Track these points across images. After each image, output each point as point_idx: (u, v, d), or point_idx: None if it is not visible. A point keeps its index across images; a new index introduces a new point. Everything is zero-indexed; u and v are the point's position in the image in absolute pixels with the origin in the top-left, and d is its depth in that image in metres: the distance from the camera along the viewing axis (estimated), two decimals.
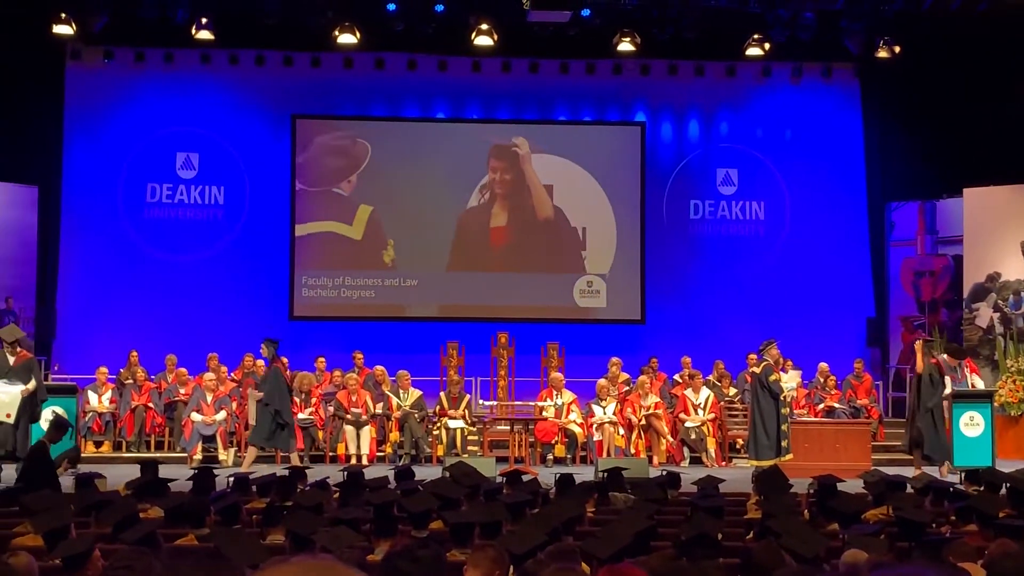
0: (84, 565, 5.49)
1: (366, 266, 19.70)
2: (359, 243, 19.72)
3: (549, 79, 19.82)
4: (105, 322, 18.56)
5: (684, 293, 19.86)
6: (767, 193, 20.26)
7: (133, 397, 16.74)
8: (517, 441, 15.78)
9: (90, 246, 19.44)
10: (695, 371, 17.30)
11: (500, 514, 7.47)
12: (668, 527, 7.73)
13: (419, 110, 20.14)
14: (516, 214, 19.90)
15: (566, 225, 19.91)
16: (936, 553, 6.10)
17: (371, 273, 19.69)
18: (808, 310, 19.64)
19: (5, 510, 8.96)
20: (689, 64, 19.78)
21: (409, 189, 19.77)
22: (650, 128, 20.13)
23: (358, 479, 9.86)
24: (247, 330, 18.83)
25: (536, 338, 18.35)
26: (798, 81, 20.05)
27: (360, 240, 19.73)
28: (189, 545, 7.04)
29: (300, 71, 19.57)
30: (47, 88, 19.02)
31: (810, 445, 14.89)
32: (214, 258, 19.65)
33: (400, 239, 19.73)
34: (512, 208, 19.90)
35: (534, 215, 19.92)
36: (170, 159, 19.78)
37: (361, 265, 19.70)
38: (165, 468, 12.88)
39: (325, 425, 16.46)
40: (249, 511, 8.73)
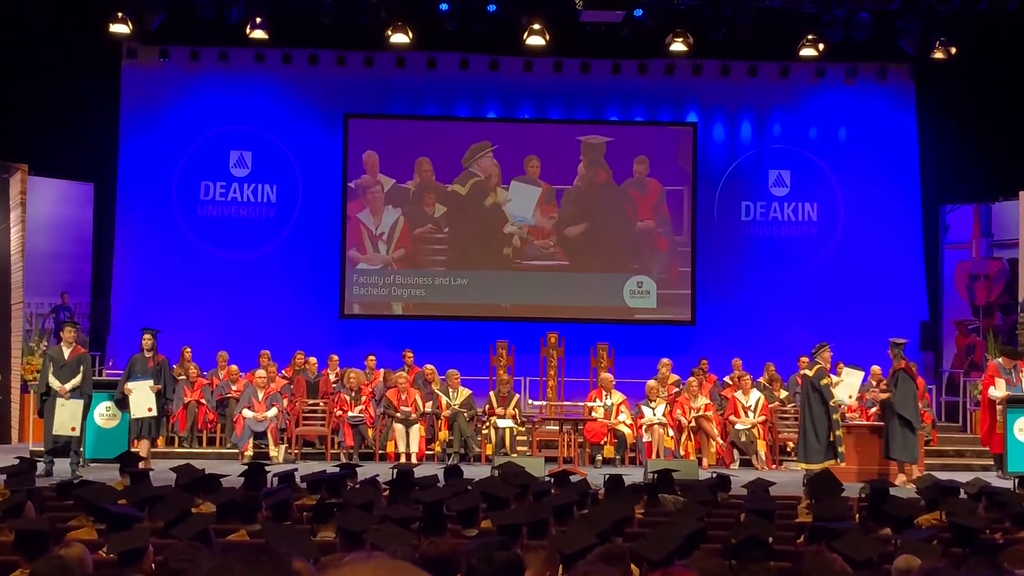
0: (140, 560, 5.54)
1: (416, 265, 19.77)
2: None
3: (601, 79, 19.77)
4: (158, 318, 18.69)
5: (735, 295, 19.75)
6: (820, 195, 20.11)
7: (185, 393, 16.90)
8: (566, 441, 15.77)
9: (144, 243, 19.65)
10: (745, 373, 17.18)
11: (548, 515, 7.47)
12: (718, 530, 7.69)
13: (470, 110, 20.18)
14: (566, 214, 19.87)
15: (616, 224, 19.86)
16: (991, 559, 6.02)
17: (421, 272, 19.76)
18: (861, 313, 19.46)
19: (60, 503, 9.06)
20: (742, 64, 19.66)
21: (459, 188, 19.81)
22: (702, 129, 20.04)
23: (408, 477, 9.89)
24: (298, 328, 18.99)
25: (586, 338, 18.31)
26: (852, 82, 19.86)
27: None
28: (241, 541, 7.09)
29: (353, 70, 19.66)
30: (104, 86, 19.24)
31: (862, 449, 14.76)
32: (266, 256, 19.79)
33: (450, 238, 19.78)
34: (562, 208, 19.87)
35: (585, 215, 19.88)
36: (223, 157, 19.95)
37: (411, 264, 19.76)
38: (216, 464, 13.05)
39: (375, 423, 16.54)
40: (299, 507, 8.78)
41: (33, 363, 17.36)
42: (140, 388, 14.38)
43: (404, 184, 19.90)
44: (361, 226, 19.85)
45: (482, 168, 19.93)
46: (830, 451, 14.27)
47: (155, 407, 14.42)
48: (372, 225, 19.85)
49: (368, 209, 19.87)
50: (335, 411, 16.54)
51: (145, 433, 14.39)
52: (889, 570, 5.80)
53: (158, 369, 14.60)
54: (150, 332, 14.81)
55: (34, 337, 18.34)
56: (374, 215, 19.89)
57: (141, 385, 14.39)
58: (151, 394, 14.38)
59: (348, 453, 16.11)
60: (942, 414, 18.70)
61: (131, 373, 14.56)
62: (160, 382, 14.53)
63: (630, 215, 19.93)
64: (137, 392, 14.35)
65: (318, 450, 16.58)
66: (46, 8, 17.68)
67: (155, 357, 14.67)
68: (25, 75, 17.84)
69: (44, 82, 18.03)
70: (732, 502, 9.79)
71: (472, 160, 19.91)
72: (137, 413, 14.34)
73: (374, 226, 19.87)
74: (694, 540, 6.18)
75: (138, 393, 14.35)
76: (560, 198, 19.93)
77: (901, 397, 14.68)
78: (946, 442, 17.10)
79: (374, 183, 19.89)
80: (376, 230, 19.85)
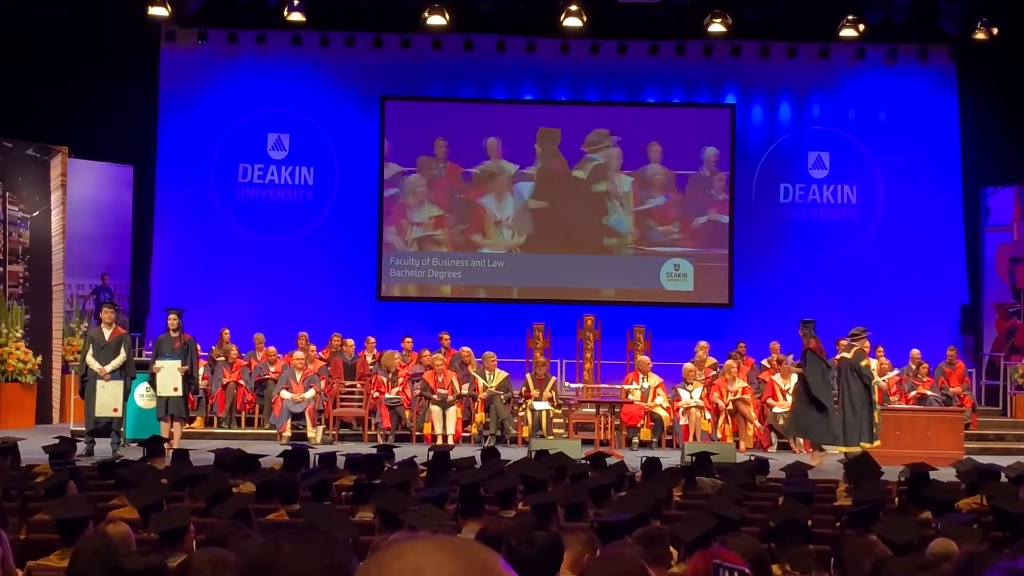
0: (181, 539, 5.59)
1: (453, 247, 19.79)
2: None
3: (638, 61, 19.68)
4: (197, 300, 18.81)
5: (773, 277, 19.65)
6: (859, 177, 19.95)
7: (224, 374, 17.01)
8: (603, 424, 15.78)
9: (183, 225, 19.77)
10: (783, 356, 17.10)
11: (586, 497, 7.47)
12: (756, 513, 7.67)
13: (507, 92, 20.15)
14: (603, 197, 19.82)
15: (653, 207, 19.80)
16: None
17: (458, 254, 19.78)
18: (900, 296, 19.32)
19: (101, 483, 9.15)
20: (781, 45, 19.51)
21: (496, 171, 19.81)
22: (740, 110, 19.92)
23: (445, 459, 9.93)
24: (335, 310, 19.07)
25: (622, 321, 18.28)
26: (893, 63, 19.66)
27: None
28: (280, 520, 7.14)
29: (390, 52, 19.65)
30: (143, 69, 19.34)
31: (901, 433, 14.68)
32: (303, 238, 19.86)
33: (487, 221, 19.78)
34: (599, 191, 19.83)
35: (621, 198, 19.83)
36: (261, 140, 20.02)
37: (448, 246, 19.79)
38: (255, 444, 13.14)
39: (411, 405, 16.59)
40: (338, 488, 8.83)
41: (74, 344, 17.51)
42: (168, 367, 14.44)
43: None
44: (485, 211, 19.85)
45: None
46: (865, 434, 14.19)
47: (180, 386, 14.45)
48: (496, 210, 19.85)
49: (493, 194, 19.89)
50: (372, 393, 16.61)
51: (173, 410, 14.41)
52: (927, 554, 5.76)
53: (184, 349, 14.62)
54: (175, 312, 14.87)
55: (74, 318, 18.50)
56: (498, 199, 19.90)
57: (170, 364, 14.45)
58: (177, 374, 14.41)
59: (385, 434, 16.19)
60: (982, 398, 18.57)
61: (159, 353, 14.65)
62: (187, 362, 14.59)
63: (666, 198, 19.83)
64: (165, 371, 14.42)
65: (355, 431, 16.67)
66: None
67: (181, 336, 14.69)
68: (65, 58, 17.95)
69: (84, 65, 18.14)
70: (770, 485, 9.77)
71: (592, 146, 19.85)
72: (163, 391, 14.42)
73: (498, 211, 19.87)
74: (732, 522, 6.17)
75: (165, 372, 14.42)
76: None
77: (810, 377, 14.61)
78: (986, 426, 16.99)
79: (498, 170, 19.88)
80: (500, 215, 19.87)
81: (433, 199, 19.89)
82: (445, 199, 19.90)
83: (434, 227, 19.87)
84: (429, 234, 19.87)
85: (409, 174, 19.85)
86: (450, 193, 19.90)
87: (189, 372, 14.59)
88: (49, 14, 17.59)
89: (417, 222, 19.86)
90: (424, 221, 19.87)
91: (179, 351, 14.55)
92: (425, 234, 19.87)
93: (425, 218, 19.87)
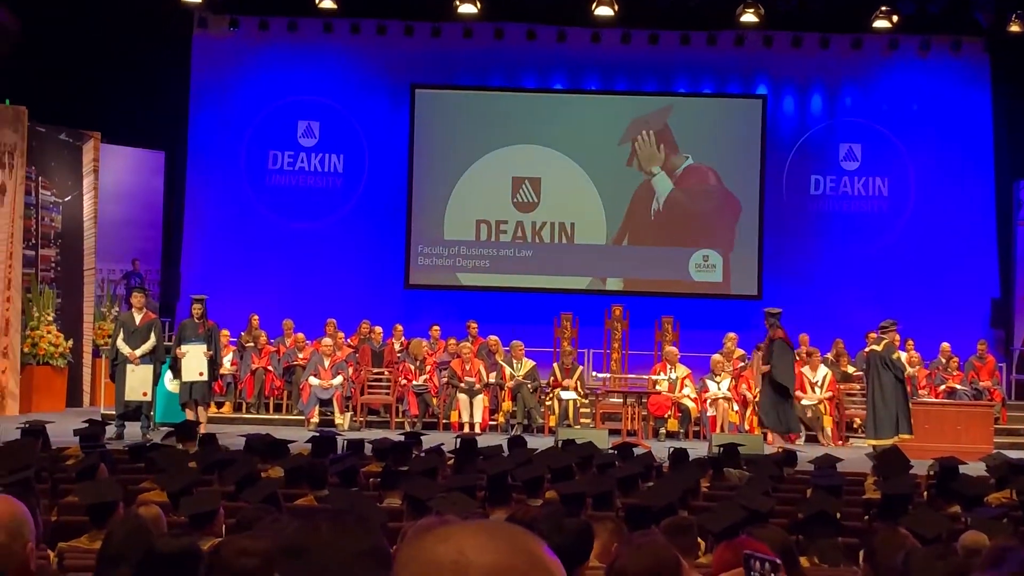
0: (211, 523, 5.62)
1: (481, 237, 19.79)
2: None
3: (669, 50, 19.62)
4: (227, 286, 18.93)
5: (802, 269, 19.56)
6: (891, 169, 19.84)
7: (253, 360, 17.09)
8: (630, 414, 15.76)
9: (213, 211, 19.86)
10: (813, 349, 17.03)
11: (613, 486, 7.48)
12: (784, 505, 7.65)
13: (537, 81, 20.12)
14: (632, 187, 19.78)
15: (682, 198, 19.75)
16: None
17: (486, 243, 19.77)
18: (931, 289, 19.21)
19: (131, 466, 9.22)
20: (814, 36, 19.40)
21: (522, 160, 19.78)
22: (771, 101, 19.84)
23: (472, 447, 9.95)
24: (364, 297, 19.12)
25: (650, 311, 18.24)
26: (926, 55, 19.53)
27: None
28: (309, 506, 7.17)
29: (420, 41, 19.67)
30: (175, 56, 19.42)
31: (931, 426, 14.59)
32: (333, 225, 19.91)
33: (515, 211, 19.77)
34: (628, 181, 19.79)
35: (650, 188, 19.78)
36: (291, 127, 20.08)
37: (476, 236, 19.79)
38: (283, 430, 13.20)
39: (439, 393, 16.63)
40: (366, 474, 8.86)
41: (104, 328, 17.64)
42: (193, 352, 14.51)
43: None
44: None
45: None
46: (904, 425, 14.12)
47: (207, 371, 14.54)
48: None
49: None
50: (400, 380, 16.65)
51: (197, 395, 14.51)
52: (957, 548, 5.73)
53: (208, 334, 14.71)
54: (199, 301, 14.96)
55: (105, 303, 18.63)
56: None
57: (195, 349, 14.52)
58: (203, 358, 14.48)
59: (412, 422, 16.23)
60: (1012, 392, 18.44)
61: (182, 337, 14.72)
62: (211, 347, 14.68)
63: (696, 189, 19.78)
64: (190, 356, 14.49)
65: (383, 418, 16.72)
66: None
67: (204, 323, 14.78)
68: (98, 44, 18.06)
69: (117, 51, 18.23)
70: (798, 477, 9.74)
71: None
72: (188, 377, 14.48)
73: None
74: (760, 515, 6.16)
75: (191, 357, 14.48)
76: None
77: (779, 366, 14.52)
78: (1017, 420, 16.87)
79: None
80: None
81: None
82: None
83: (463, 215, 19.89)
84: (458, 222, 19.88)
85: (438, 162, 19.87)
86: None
87: (213, 357, 14.69)
88: (82, 1, 17.68)
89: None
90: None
91: (203, 337, 14.63)
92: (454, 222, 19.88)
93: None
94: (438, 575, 1.49)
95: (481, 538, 1.52)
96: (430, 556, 1.51)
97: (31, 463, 7.45)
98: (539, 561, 1.53)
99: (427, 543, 1.53)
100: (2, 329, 16.36)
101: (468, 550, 1.51)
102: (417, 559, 1.52)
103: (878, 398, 14.37)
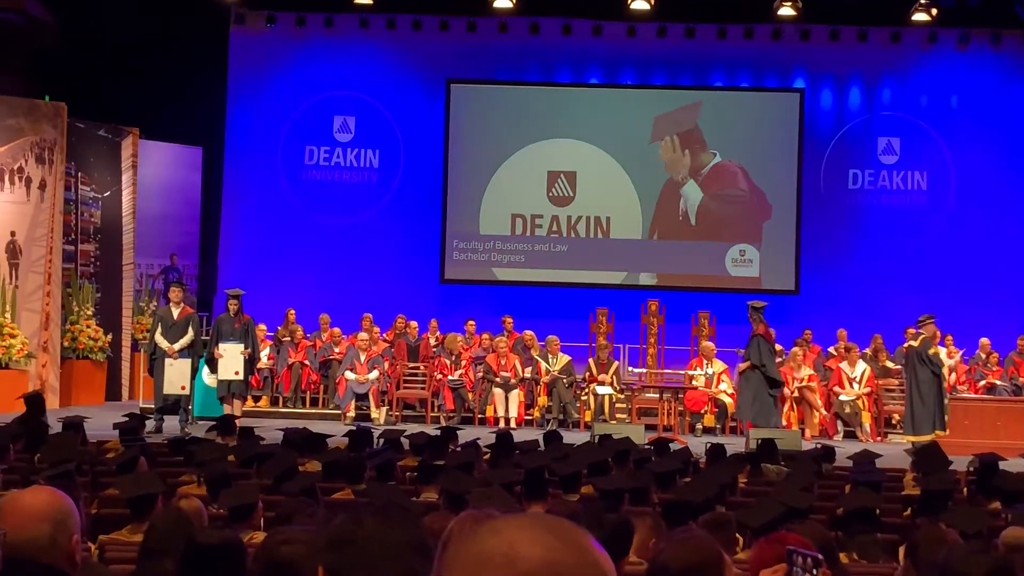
0: (250, 516, 5.65)
1: (516, 231, 19.77)
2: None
3: (705, 44, 19.53)
4: (263, 280, 19.02)
5: (840, 264, 19.44)
6: (930, 163, 19.67)
7: (290, 354, 17.16)
8: (666, 409, 15.73)
9: (250, 206, 19.95)
10: (851, 344, 16.92)
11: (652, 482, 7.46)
12: (823, 501, 7.61)
13: (572, 75, 20.09)
14: (668, 181, 19.71)
15: (719, 193, 19.65)
16: None
17: (521, 238, 19.76)
18: (970, 284, 19.03)
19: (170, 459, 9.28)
20: (851, 30, 19.27)
21: (557, 154, 19.76)
22: (809, 95, 19.70)
23: (508, 441, 9.95)
24: (399, 292, 19.15)
25: (687, 306, 18.19)
26: (965, 48, 19.36)
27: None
28: (347, 499, 7.19)
29: (456, 36, 19.68)
30: (212, 52, 19.51)
31: (970, 422, 14.48)
32: (368, 220, 19.96)
33: (550, 205, 19.74)
34: (664, 175, 19.72)
35: (686, 183, 19.70)
36: (328, 123, 20.14)
37: (511, 230, 19.77)
38: (319, 424, 13.26)
39: (474, 387, 16.64)
40: (402, 468, 8.88)
41: (143, 323, 17.78)
42: (231, 352, 14.63)
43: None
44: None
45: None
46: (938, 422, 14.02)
47: (242, 371, 14.67)
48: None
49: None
50: (435, 375, 16.68)
51: (235, 390, 14.66)
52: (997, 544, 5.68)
53: (244, 329, 14.82)
54: (235, 296, 15.07)
55: (144, 297, 18.78)
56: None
57: (233, 349, 14.63)
58: (240, 358, 14.62)
59: (448, 416, 16.26)
60: None
61: (219, 333, 14.83)
62: (248, 344, 14.77)
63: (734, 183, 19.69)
64: (227, 355, 14.62)
65: (418, 412, 16.76)
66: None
67: (240, 317, 14.91)
68: (136, 41, 18.17)
69: (155, 48, 18.35)
70: (836, 473, 9.68)
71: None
72: (224, 375, 14.63)
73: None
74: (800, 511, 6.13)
75: (228, 356, 14.62)
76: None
77: (767, 363, 14.57)
78: None
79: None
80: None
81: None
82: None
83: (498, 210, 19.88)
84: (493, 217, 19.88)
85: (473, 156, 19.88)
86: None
87: (251, 355, 14.82)
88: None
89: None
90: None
91: (239, 331, 14.72)
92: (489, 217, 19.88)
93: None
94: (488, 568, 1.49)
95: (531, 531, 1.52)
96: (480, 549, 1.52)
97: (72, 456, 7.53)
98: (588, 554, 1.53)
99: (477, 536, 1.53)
100: (42, 324, 16.51)
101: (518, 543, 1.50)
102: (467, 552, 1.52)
103: (916, 394, 14.27)
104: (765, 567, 3.27)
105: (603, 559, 1.54)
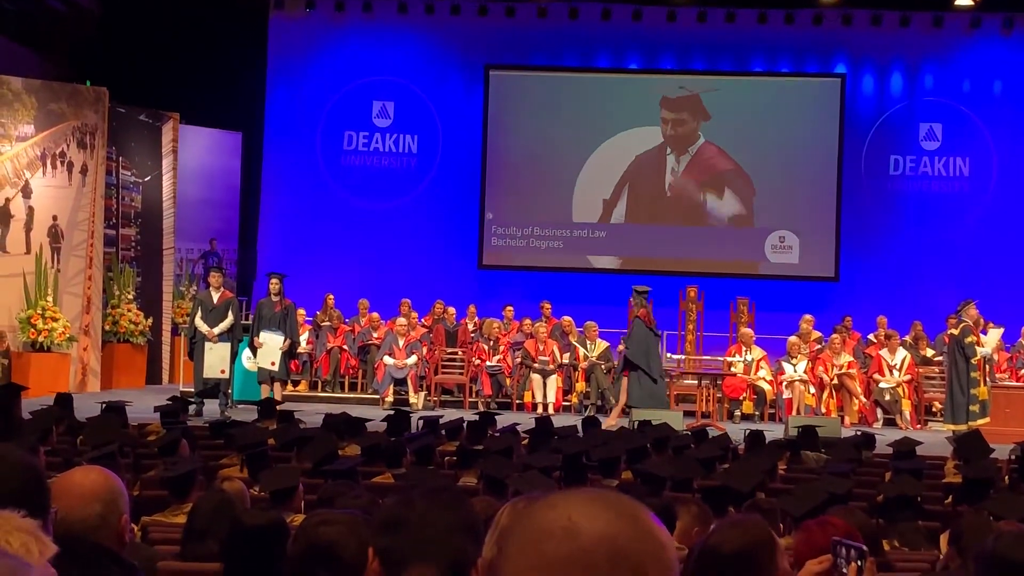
0: (291, 499, 5.68)
1: (555, 217, 19.75)
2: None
3: (746, 29, 19.40)
4: (302, 265, 19.09)
5: (881, 251, 19.29)
6: (973, 149, 19.46)
7: (329, 339, 17.23)
8: (704, 396, 15.68)
9: (289, 191, 20.03)
10: (891, 331, 16.80)
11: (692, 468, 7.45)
12: (863, 488, 7.57)
13: (611, 60, 20.02)
14: (708, 165, 19.63)
15: (761, 178, 19.54)
16: None
17: (560, 224, 19.74)
18: (1012, 271, 18.84)
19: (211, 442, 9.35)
20: (894, 14, 19.09)
21: (598, 139, 19.71)
22: (850, 80, 19.54)
23: (547, 427, 9.96)
24: (438, 277, 19.18)
25: (726, 293, 18.11)
26: (1009, 33, 19.14)
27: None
28: (387, 483, 7.22)
29: (494, 21, 19.65)
30: (251, 38, 19.57)
31: (1011, 410, 14.33)
32: (407, 205, 19.99)
33: (589, 191, 19.71)
34: (704, 159, 19.64)
35: (726, 167, 19.61)
36: (367, 108, 20.17)
37: (550, 216, 19.76)
38: (358, 409, 13.31)
39: (512, 373, 16.66)
40: (441, 453, 8.91)
41: (183, 307, 17.91)
42: (270, 342, 14.71)
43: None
44: None
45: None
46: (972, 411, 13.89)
47: (278, 362, 14.72)
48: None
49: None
50: (473, 360, 16.71)
51: (275, 375, 14.76)
52: None
53: (284, 313, 14.88)
54: (277, 277, 15.15)
55: (184, 282, 18.91)
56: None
57: (273, 341, 14.71)
58: (278, 351, 14.70)
59: (486, 401, 16.29)
60: None
61: (260, 318, 14.92)
62: (286, 329, 14.82)
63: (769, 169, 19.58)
64: (267, 346, 14.71)
65: (456, 398, 16.80)
66: None
67: (282, 301, 14.97)
68: (177, 26, 18.27)
69: (195, 33, 18.44)
70: (876, 461, 9.63)
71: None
72: (262, 363, 14.72)
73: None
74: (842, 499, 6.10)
75: (267, 346, 14.71)
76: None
77: (635, 345, 14.35)
78: None
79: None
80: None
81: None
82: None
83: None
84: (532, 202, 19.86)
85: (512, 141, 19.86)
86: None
87: (291, 345, 14.93)
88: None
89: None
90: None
91: (279, 316, 14.79)
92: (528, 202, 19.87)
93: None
94: (549, 541, 1.50)
95: (591, 506, 1.52)
96: (540, 523, 1.52)
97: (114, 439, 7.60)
98: (648, 529, 1.53)
99: (535, 511, 1.54)
100: (84, 307, 16.66)
101: (578, 517, 1.51)
102: (527, 527, 1.52)
103: (955, 383, 14.15)
104: (812, 553, 3.25)
105: (661, 532, 1.55)
